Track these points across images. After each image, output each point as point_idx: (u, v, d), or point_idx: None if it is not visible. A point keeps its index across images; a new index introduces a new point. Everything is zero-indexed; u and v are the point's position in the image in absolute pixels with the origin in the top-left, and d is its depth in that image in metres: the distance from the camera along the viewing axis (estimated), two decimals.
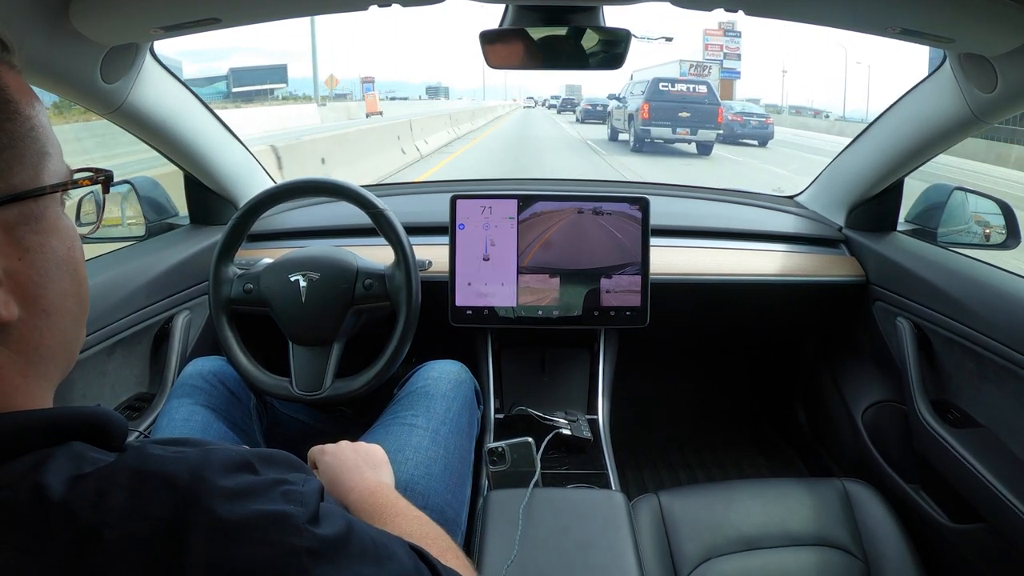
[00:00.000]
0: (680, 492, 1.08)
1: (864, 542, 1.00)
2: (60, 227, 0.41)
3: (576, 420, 1.17)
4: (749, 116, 16.90)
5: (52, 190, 0.40)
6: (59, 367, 0.42)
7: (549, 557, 0.83)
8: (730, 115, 15.67)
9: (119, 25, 0.88)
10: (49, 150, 0.40)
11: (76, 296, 0.42)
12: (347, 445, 0.79)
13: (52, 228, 0.40)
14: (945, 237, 1.29)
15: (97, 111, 1.03)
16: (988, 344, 1.02)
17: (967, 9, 0.77)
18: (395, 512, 0.63)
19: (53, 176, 0.40)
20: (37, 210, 0.39)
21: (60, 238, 0.41)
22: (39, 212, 0.39)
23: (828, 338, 1.57)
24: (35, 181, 0.39)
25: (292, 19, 0.94)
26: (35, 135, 0.39)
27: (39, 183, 0.39)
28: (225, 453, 0.40)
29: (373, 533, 0.43)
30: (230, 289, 1.07)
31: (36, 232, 0.39)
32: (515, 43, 0.96)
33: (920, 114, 1.16)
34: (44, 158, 0.40)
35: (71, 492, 0.34)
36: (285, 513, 0.37)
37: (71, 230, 0.42)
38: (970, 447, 1.02)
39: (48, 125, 0.41)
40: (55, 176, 0.40)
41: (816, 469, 1.59)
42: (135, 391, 1.19)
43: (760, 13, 0.90)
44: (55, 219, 0.40)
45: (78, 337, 0.44)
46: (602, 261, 1.24)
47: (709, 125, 12.40)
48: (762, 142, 16.48)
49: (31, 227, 0.38)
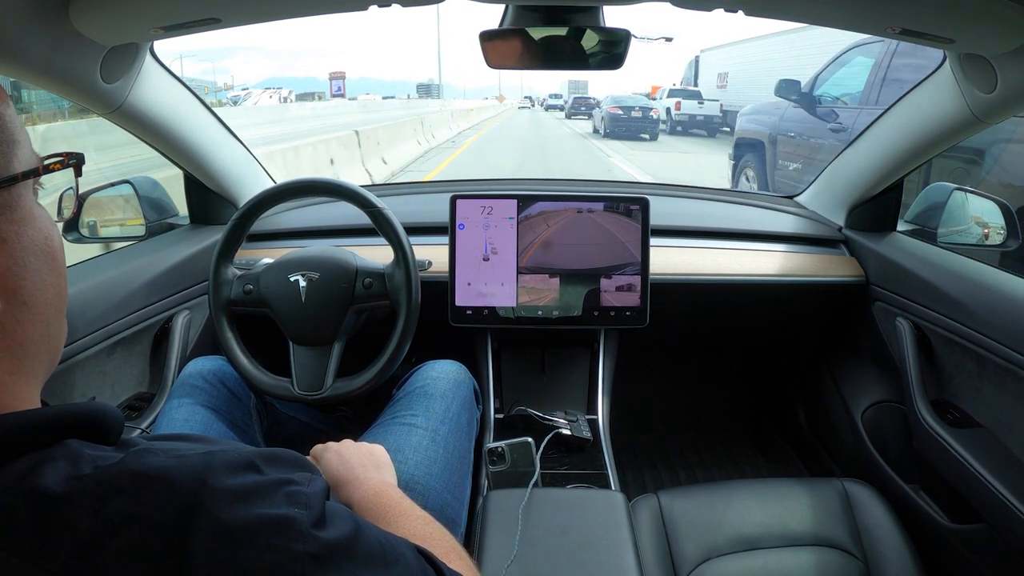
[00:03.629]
0: (680, 492, 1.07)
1: (864, 542, 1.00)
2: (35, 216, 0.40)
3: (576, 420, 1.17)
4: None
5: (24, 176, 0.39)
6: (44, 363, 0.42)
7: (548, 557, 0.83)
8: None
9: (119, 25, 0.88)
10: (19, 138, 0.40)
11: (56, 287, 0.42)
12: (350, 444, 0.79)
13: (27, 217, 0.39)
14: (945, 237, 1.29)
15: (97, 111, 1.03)
16: (988, 344, 1.02)
17: (967, 9, 0.77)
18: (399, 512, 0.63)
19: (23, 164, 0.40)
20: (10, 199, 0.38)
21: (36, 227, 0.40)
22: (12, 201, 0.39)
23: (828, 338, 1.57)
24: (6, 169, 0.38)
25: (293, 19, 0.94)
26: (3, 123, 0.39)
27: (10, 171, 0.38)
28: (228, 453, 0.39)
29: (380, 535, 0.43)
30: (230, 290, 1.07)
31: (11, 221, 0.38)
32: (515, 43, 0.96)
33: (920, 114, 1.16)
34: (13, 146, 0.39)
35: (71, 495, 0.34)
36: (289, 517, 0.37)
37: (47, 219, 0.42)
38: (970, 447, 1.02)
39: (15, 116, 0.40)
40: (25, 164, 0.40)
41: (816, 469, 1.59)
42: (135, 391, 1.19)
43: (760, 13, 0.90)
44: (29, 207, 0.40)
45: (60, 331, 0.43)
46: (602, 261, 1.24)
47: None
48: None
49: (6, 216, 0.38)
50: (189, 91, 1.21)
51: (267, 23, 0.94)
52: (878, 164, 1.30)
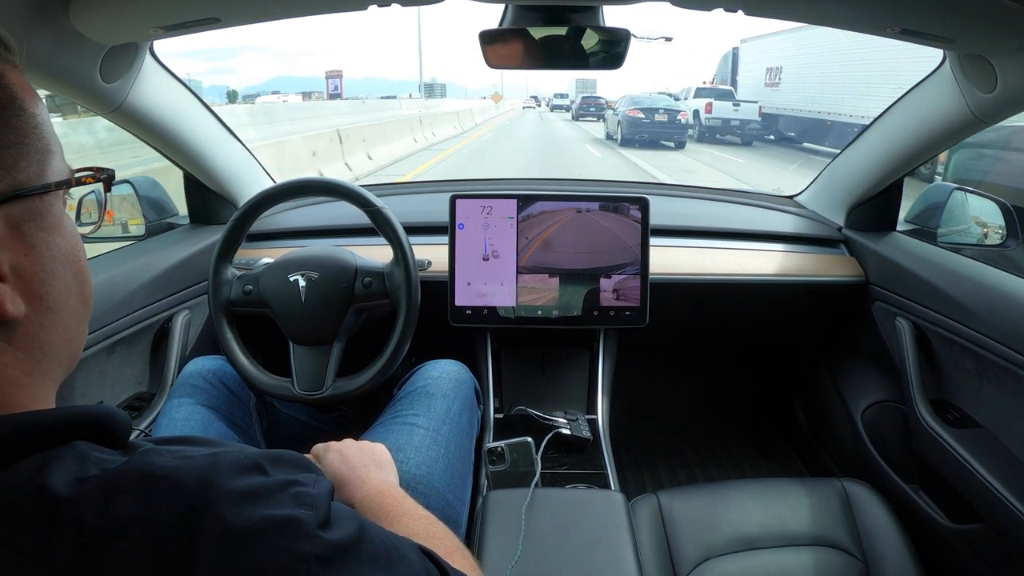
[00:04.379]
0: (679, 492, 1.07)
1: (863, 542, 1.00)
2: (64, 225, 0.41)
3: (575, 420, 1.17)
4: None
5: (57, 187, 0.40)
6: (62, 366, 0.42)
7: (548, 557, 0.83)
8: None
9: (119, 25, 0.88)
10: (52, 148, 0.41)
11: (80, 294, 0.43)
12: (352, 443, 0.78)
13: (56, 225, 0.40)
14: (945, 237, 1.29)
15: (97, 111, 1.03)
16: (987, 344, 1.02)
17: (967, 10, 0.77)
18: (402, 512, 0.63)
19: (57, 174, 0.40)
20: (42, 207, 0.39)
21: (64, 236, 0.41)
22: (44, 209, 0.39)
23: (827, 338, 1.57)
24: (40, 178, 0.39)
25: (293, 19, 0.93)
26: (39, 132, 0.40)
27: (44, 180, 0.39)
28: (234, 455, 0.39)
29: (384, 536, 0.43)
30: (229, 291, 1.07)
31: (41, 229, 0.39)
32: (514, 43, 0.96)
33: (920, 114, 1.16)
34: (48, 155, 0.40)
35: (78, 496, 0.34)
36: (295, 518, 0.37)
37: (73, 228, 0.43)
38: (969, 447, 1.02)
39: (50, 123, 0.41)
40: (58, 174, 0.41)
41: (815, 469, 1.60)
42: (135, 390, 1.19)
43: (760, 13, 0.90)
44: (59, 216, 0.41)
45: (81, 336, 0.44)
46: (602, 261, 1.24)
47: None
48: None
49: (36, 223, 0.39)
50: (189, 91, 1.21)
51: (268, 23, 0.94)
52: (878, 164, 1.30)
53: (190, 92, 1.21)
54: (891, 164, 1.27)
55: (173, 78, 1.15)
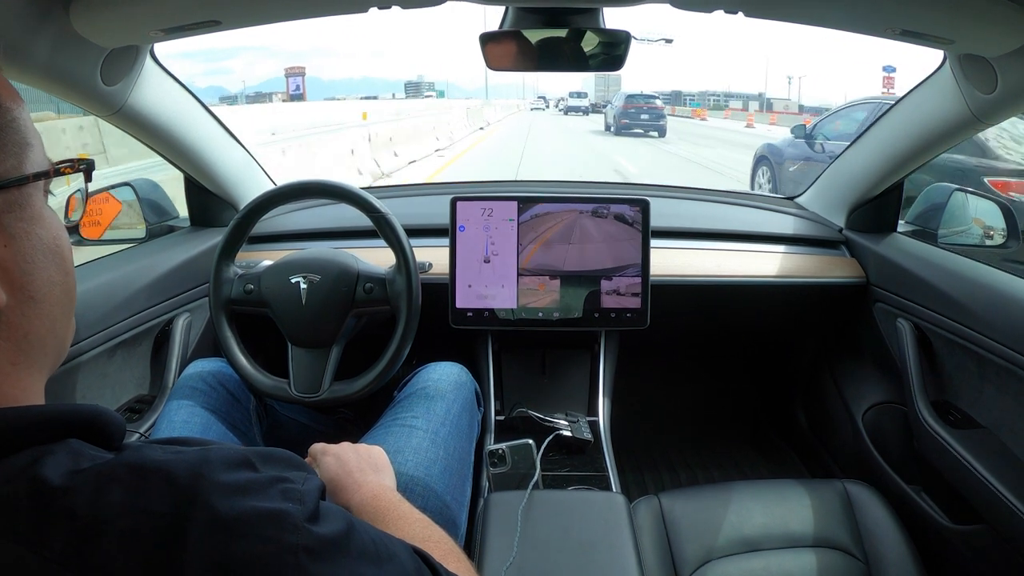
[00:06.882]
0: (680, 493, 1.07)
1: (865, 543, 1.00)
2: (45, 216, 0.42)
3: (576, 421, 1.17)
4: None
5: (35, 178, 0.41)
6: (49, 358, 0.43)
7: (549, 559, 0.82)
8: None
9: (119, 27, 0.88)
10: (31, 141, 0.41)
11: (63, 285, 0.43)
12: (349, 447, 0.78)
13: (37, 216, 0.41)
14: (945, 238, 1.29)
15: (98, 113, 1.03)
16: (989, 345, 1.02)
17: (967, 10, 0.77)
18: (398, 515, 0.63)
19: (35, 165, 0.41)
20: (21, 198, 0.40)
21: (45, 227, 0.42)
22: (23, 200, 0.40)
23: (828, 339, 1.57)
24: (18, 170, 0.40)
25: (293, 21, 0.94)
26: (16, 126, 0.40)
27: (21, 171, 0.40)
28: (225, 451, 0.40)
29: (374, 533, 0.43)
30: (230, 288, 1.07)
31: (21, 220, 0.40)
32: (515, 45, 0.96)
33: (920, 115, 1.16)
34: (26, 148, 0.41)
35: (70, 485, 0.35)
36: (283, 511, 0.37)
37: (56, 221, 0.43)
38: (971, 448, 1.02)
39: (29, 119, 0.42)
40: (37, 166, 0.41)
41: (817, 470, 1.59)
42: (135, 393, 1.19)
43: (759, 15, 0.90)
44: (39, 208, 0.42)
45: (67, 327, 0.45)
46: (602, 263, 1.24)
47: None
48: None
49: (16, 215, 0.39)
50: (189, 93, 1.21)
51: (268, 25, 0.95)
52: (878, 165, 1.30)
53: (190, 95, 1.22)
54: (891, 165, 1.27)
55: (174, 80, 1.15)
